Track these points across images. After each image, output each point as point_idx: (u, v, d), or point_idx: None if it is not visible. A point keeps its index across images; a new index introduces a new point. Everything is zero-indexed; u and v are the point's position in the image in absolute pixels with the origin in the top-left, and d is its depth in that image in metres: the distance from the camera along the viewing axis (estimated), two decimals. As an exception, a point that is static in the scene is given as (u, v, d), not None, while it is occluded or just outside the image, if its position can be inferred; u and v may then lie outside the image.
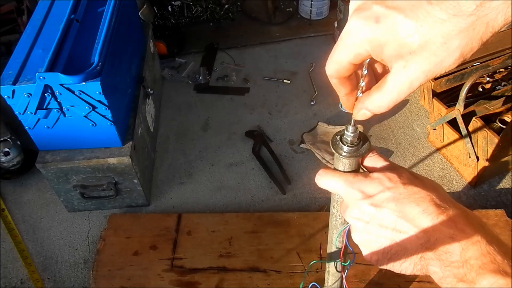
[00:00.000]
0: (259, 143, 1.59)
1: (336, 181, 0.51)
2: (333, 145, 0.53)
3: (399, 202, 0.45)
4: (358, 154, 0.52)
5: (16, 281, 1.29)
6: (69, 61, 1.10)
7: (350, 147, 0.51)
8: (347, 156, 0.52)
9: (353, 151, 0.52)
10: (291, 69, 1.90)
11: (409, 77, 0.36)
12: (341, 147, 0.52)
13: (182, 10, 2.15)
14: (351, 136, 0.51)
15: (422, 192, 0.45)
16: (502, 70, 1.56)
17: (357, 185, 0.49)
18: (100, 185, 1.33)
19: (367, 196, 0.48)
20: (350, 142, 0.52)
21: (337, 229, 0.65)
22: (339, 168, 0.54)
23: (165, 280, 1.20)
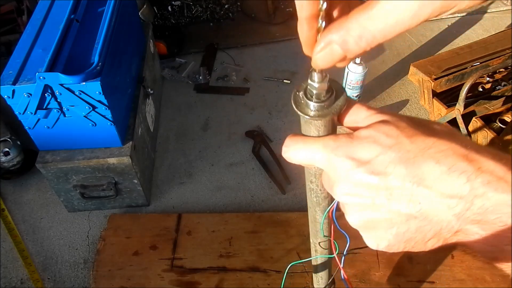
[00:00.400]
0: (259, 143, 1.59)
1: (310, 150, 0.38)
2: (296, 104, 0.39)
3: (410, 163, 0.33)
4: (332, 111, 0.38)
5: (16, 281, 1.29)
6: (69, 61, 1.10)
7: (319, 102, 0.38)
8: (317, 115, 0.38)
9: (324, 107, 0.38)
10: (291, 69, 1.90)
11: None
12: (307, 104, 0.38)
13: (182, 10, 2.15)
14: (317, 87, 0.37)
15: (438, 143, 0.33)
16: (502, 70, 1.56)
17: (342, 151, 0.36)
18: (100, 185, 1.33)
19: (361, 163, 0.35)
20: (318, 95, 0.38)
21: (320, 205, 0.53)
22: (309, 134, 0.40)
23: (165, 280, 1.20)
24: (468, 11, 2.13)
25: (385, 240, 0.37)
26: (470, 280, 1.15)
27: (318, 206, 0.55)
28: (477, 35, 1.98)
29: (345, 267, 0.58)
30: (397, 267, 1.18)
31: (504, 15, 2.10)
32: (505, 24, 2.04)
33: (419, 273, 1.17)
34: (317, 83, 0.37)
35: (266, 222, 1.32)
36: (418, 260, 1.19)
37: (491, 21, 2.07)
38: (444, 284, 1.15)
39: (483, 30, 2.02)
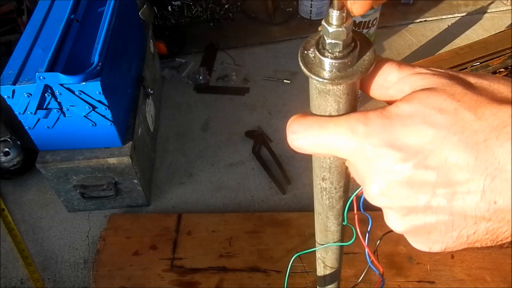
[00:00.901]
0: (259, 143, 1.59)
1: (331, 135, 0.29)
2: (306, 64, 0.29)
3: (481, 149, 0.24)
4: (360, 69, 0.28)
5: (16, 281, 1.29)
6: (69, 61, 1.10)
7: (339, 58, 0.27)
8: (338, 77, 0.28)
9: (348, 65, 0.28)
10: (291, 69, 1.90)
11: None
12: (322, 62, 0.28)
13: (182, 10, 2.15)
14: (337, 34, 0.27)
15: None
16: (502, 70, 1.56)
17: (379, 137, 0.27)
18: (100, 185, 1.33)
19: (410, 154, 0.25)
20: (337, 47, 0.27)
21: (333, 209, 0.41)
22: (325, 111, 0.30)
23: (165, 280, 1.20)
24: (467, 10, 2.13)
25: (442, 244, 0.29)
26: (470, 280, 1.15)
27: (331, 210, 0.41)
28: (477, 35, 1.98)
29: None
30: (397, 267, 1.18)
31: (504, 15, 2.10)
32: (505, 24, 2.04)
33: (419, 273, 1.17)
34: (337, 29, 0.26)
35: (266, 222, 1.32)
36: (418, 260, 1.19)
37: (491, 21, 2.07)
38: (444, 284, 1.15)
39: (483, 30, 2.02)
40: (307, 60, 0.29)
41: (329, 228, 0.44)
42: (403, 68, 0.29)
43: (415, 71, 0.29)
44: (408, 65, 0.29)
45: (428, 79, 0.27)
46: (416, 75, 0.28)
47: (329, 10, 0.27)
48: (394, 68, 0.29)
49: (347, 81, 0.28)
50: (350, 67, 0.28)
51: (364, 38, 0.29)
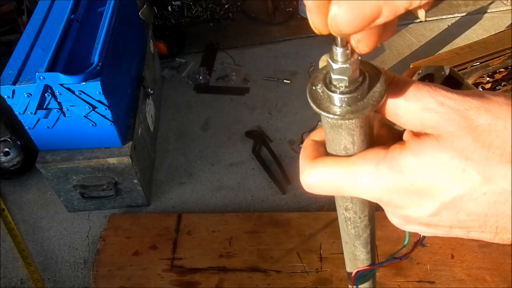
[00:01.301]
0: (259, 143, 1.59)
1: (350, 179, 0.29)
2: (315, 101, 0.28)
3: (491, 210, 0.26)
4: (370, 101, 0.27)
5: (16, 281, 1.29)
6: (69, 61, 1.10)
7: (348, 93, 0.27)
8: (349, 111, 0.27)
9: (358, 98, 0.27)
10: (291, 69, 1.90)
11: None
12: (331, 98, 0.27)
13: (182, 10, 2.15)
14: (343, 70, 0.26)
15: None
16: (502, 70, 1.56)
17: (390, 192, 0.27)
18: (100, 185, 1.33)
19: (444, 205, 0.26)
20: (345, 82, 0.27)
21: (360, 238, 0.40)
22: (340, 144, 0.29)
23: (165, 280, 1.20)
24: (467, 10, 2.13)
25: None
26: (470, 280, 1.15)
27: (358, 239, 0.41)
28: (477, 35, 1.98)
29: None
30: (397, 267, 1.18)
31: (504, 15, 2.10)
32: (505, 24, 2.04)
33: (419, 273, 1.17)
34: (342, 65, 0.26)
35: (266, 222, 1.32)
36: (418, 260, 1.19)
37: (491, 21, 2.07)
38: (444, 284, 1.15)
39: (483, 30, 2.02)
40: (315, 96, 0.28)
41: (358, 257, 0.44)
42: (409, 101, 0.28)
43: (423, 106, 0.27)
44: (414, 94, 0.28)
45: (437, 120, 0.27)
46: (425, 112, 0.27)
47: (333, 47, 0.26)
48: (402, 101, 0.28)
49: (358, 115, 0.27)
50: (360, 100, 0.27)
51: (373, 68, 0.29)
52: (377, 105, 0.27)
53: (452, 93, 0.27)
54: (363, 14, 0.23)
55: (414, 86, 0.28)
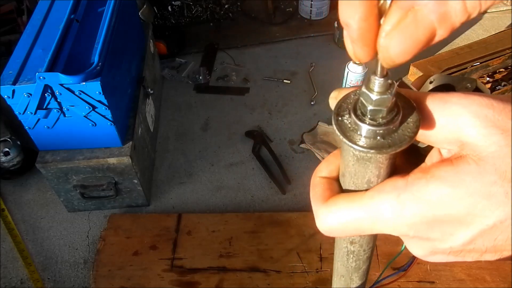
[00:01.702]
0: (259, 143, 1.59)
1: (374, 218, 0.26)
2: (341, 130, 0.26)
3: None
4: (406, 134, 0.25)
5: (16, 281, 1.29)
6: (69, 61, 1.10)
7: (382, 125, 0.25)
8: (385, 145, 0.25)
9: (392, 131, 0.25)
10: (291, 69, 1.90)
11: None
12: (363, 129, 0.26)
13: (182, 10, 2.15)
14: (382, 100, 0.25)
15: None
16: (502, 70, 1.56)
17: (417, 229, 0.25)
18: (100, 185, 1.33)
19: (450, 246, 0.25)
20: (380, 113, 0.25)
21: (359, 270, 0.39)
22: (363, 177, 0.28)
23: (165, 280, 1.20)
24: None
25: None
26: (470, 280, 1.15)
27: (356, 272, 0.39)
28: (477, 35, 1.98)
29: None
30: (397, 267, 1.18)
31: (504, 15, 2.10)
32: (505, 24, 2.04)
33: (419, 273, 1.17)
34: (381, 96, 0.25)
35: (266, 222, 1.32)
36: (418, 260, 1.19)
37: (491, 21, 2.07)
38: (444, 284, 1.15)
39: (483, 30, 2.02)
40: (343, 127, 0.26)
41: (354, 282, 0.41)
42: (439, 117, 0.25)
43: (455, 121, 0.24)
44: (442, 108, 0.25)
45: (474, 137, 0.23)
46: (458, 128, 0.24)
47: (371, 77, 0.25)
48: (431, 119, 0.25)
49: (396, 148, 0.25)
50: (395, 132, 0.25)
51: (403, 97, 0.27)
52: (414, 136, 0.25)
53: (489, 99, 0.23)
54: (417, 41, 0.21)
55: (440, 98, 0.25)
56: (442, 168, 0.24)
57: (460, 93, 0.25)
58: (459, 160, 0.23)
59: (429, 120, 0.25)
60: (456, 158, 0.24)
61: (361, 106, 0.26)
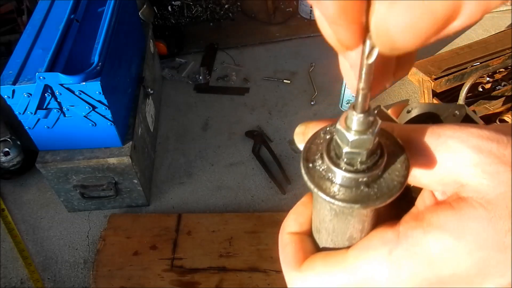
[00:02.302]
0: (259, 143, 1.59)
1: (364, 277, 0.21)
2: (313, 180, 0.21)
3: None
4: (393, 186, 0.21)
5: (16, 281, 1.29)
6: (69, 61, 1.10)
7: (365, 171, 0.20)
8: (366, 198, 0.20)
9: (376, 178, 0.21)
10: (291, 69, 1.90)
11: None
12: (338, 176, 0.21)
13: (182, 10, 2.15)
14: (362, 141, 0.20)
15: None
16: (502, 70, 1.56)
17: (413, 281, 0.20)
18: (100, 185, 1.33)
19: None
20: (361, 156, 0.20)
21: None
22: (344, 233, 0.23)
23: (165, 280, 1.20)
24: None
25: None
26: (470, 280, 1.15)
27: None
28: (477, 35, 1.98)
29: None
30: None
31: (504, 15, 2.10)
32: (505, 24, 2.04)
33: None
34: (361, 135, 0.20)
35: (266, 222, 1.32)
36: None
37: (491, 21, 2.07)
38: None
39: (483, 30, 2.02)
40: (314, 175, 0.21)
41: None
42: (431, 155, 0.21)
43: (453, 158, 0.20)
44: (435, 144, 0.20)
45: (478, 177, 0.19)
46: (456, 167, 0.20)
47: (349, 112, 0.20)
48: (423, 158, 0.21)
49: (385, 200, 0.20)
50: (380, 177, 0.21)
51: (385, 133, 0.22)
52: (404, 181, 0.20)
53: (489, 131, 0.19)
54: (432, 14, 0.14)
55: (432, 132, 0.20)
56: (440, 213, 0.19)
57: (453, 124, 0.20)
58: (461, 203, 0.19)
59: (421, 159, 0.21)
60: (456, 200, 0.19)
61: (336, 146, 0.21)
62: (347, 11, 0.16)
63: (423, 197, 0.22)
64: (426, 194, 0.22)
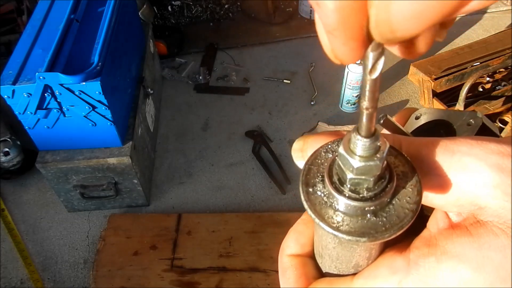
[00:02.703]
0: (259, 143, 1.59)
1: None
2: (315, 209, 0.19)
3: None
4: (403, 216, 0.18)
5: (16, 281, 1.29)
6: (69, 61, 1.10)
7: (371, 198, 0.19)
8: (373, 229, 0.18)
9: (384, 204, 0.19)
10: (291, 69, 1.90)
11: None
12: (344, 205, 0.19)
13: (182, 10, 2.15)
14: (368, 168, 0.18)
15: None
16: (502, 70, 1.56)
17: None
18: (100, 185, 1.33)
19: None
20: (370, 183, 0.18)
21: None
22: (349, 261, 0.21)
23: (165, 280, 1.20)
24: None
25: None
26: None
27: None
28: (477, 35, 1.98)
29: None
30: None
31: (504, 15, 2.10)
32: (505, 24, 2.04)
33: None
34: (367, 161, 0.18)
35: (266, 222, 1.32)
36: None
37: (491, 21, 2.07)
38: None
39: (483, 30, 2.02)
40: (317, 203, 0.19)
41: None
42: (444, 174, 0.18)
43: (468, 177, 0.17)
44: (449, 161, 0.18)
45: (499, 199, 0.17)
46: (473, 187, 0.17)
47: (353, 136, 0.18)
48: (436, 177, 0.19)
49: (395, 231, 0.18)
50: (389, 204, 0.19)
51: (394, 151, 0.20)
52: (417, 209, 0.18)
53: (509, 146, 0.17)
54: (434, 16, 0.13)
55: (445, 148, 0.18)
56: (457, 240, 0.17)
57: (469, 138, 0.18)
58: (480, 229, 0.17)
59: (434, 180, 0.18)
60: (474, 225, 0.17)
61: (340, 170, 0.19)
62: (348, 23, 0.15)
63: (436, 218, 0.19)
64: (440, 215, 0.19)
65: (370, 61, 0.16)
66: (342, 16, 0.14)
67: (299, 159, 0.22)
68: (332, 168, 0.19)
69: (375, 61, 0.16)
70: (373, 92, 0.16)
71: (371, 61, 0.16)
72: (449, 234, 0.18)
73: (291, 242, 0.24)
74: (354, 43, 0.15)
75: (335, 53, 0.16)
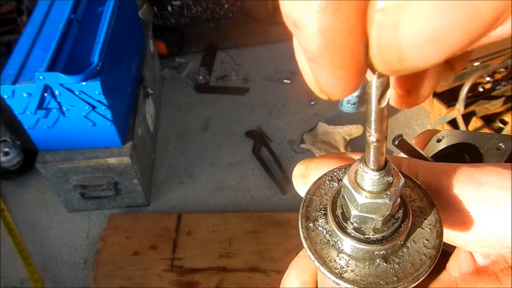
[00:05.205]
0: (259, 143, 1.59)
1: None
2: (313, 246, 0.17)
3: None
4: (422, 266, 0.16)
5: (16, 281, 1.29)
6: (69, 61, 1.10)
7: (382, 240, 0.16)
8: (382, 283, 0.16)
9: (395, 247, 0.16)
10: (291, 69, 1.90)
11: None
12: (347, 246, 0.16)
13: (182, 10, 2.15)
14: (378, 206, 0.15)
15: None
16: (502, 70, 1.56)
17: None
18: (100, 185, 1.33)
19: None
20: (379, 222, 0.16)
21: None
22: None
23: (165, 280, 1.20)
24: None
25: None
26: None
27: None
28: (477, 35, 1.98)
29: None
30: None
31: (504, 15, 2.10)
32: (505, 24, 2.04)
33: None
34: (375, 198, 0.15)
35: (266, 222, 1.32)
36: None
37: (491, 21, 2.07)
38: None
39: (483, 30, 2.02)
40: (317, 241, 0.17)
41: None
42: (465, 210, 0.16)
43: (494, 215, 0.15)
44: (472, 195, 0.15)
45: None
46: (500, 227, 0.15)
47: (360, 168, 0.15)
48: (458, 214, 0.16)
49: (409, 283, 0.15)
50: (402, 247, 0.16)
51: (409, 180, 0.17)
52: (436, 255, 0.15)
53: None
54: (473, 17, 0.10)
55: (470, 178, 0.15)
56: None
57: (498, 166, 0.15)
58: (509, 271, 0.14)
59: (455, 216, 0.15)
60: (505, 271, 0.15)
61: (345, 204, 0.16)
62: (335, 48, 0.11)
63: (458, 258, 0.16)
64: (464, 255, 0.16)
65: (376, 88, 0.13)
66: (328, 39, 0.11)
67: (300, 186, 0.19)
68: (336, 200, 0.16)
69: (383, 89, 0.13)
70: (381, 122, 0.14)
71: (379, 89, 0.13)
72: (473, 281, 0.15)
73: (292, 278, 0.21)
74: (343, 72, 0.12)
75: (320, 85, 0.13)
